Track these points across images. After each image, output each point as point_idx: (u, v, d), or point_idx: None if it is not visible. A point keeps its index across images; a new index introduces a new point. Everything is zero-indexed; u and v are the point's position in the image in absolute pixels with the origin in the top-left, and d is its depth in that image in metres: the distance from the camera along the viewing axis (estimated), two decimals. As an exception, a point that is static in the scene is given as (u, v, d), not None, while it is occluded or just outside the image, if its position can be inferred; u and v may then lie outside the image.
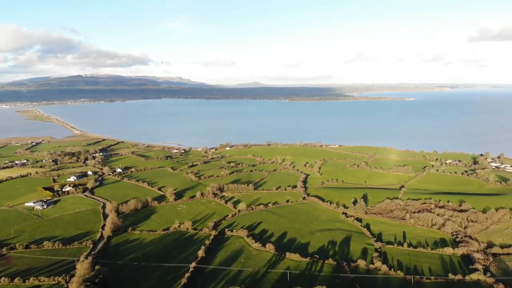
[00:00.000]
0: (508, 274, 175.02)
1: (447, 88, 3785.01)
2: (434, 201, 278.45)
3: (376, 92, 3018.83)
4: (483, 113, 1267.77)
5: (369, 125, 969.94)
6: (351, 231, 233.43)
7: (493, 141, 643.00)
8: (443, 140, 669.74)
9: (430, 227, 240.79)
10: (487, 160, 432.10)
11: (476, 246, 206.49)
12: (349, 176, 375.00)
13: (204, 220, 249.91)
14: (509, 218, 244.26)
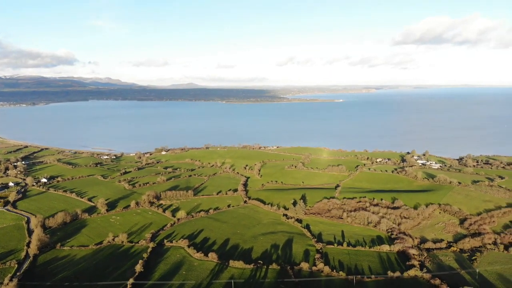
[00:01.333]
0: (442, 269, 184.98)
1: (373, 90, 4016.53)
2: (369, 199, 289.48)
3: (308, 94, 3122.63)
4: (407, 113, 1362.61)
5: (303, 126, 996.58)
6: (292, 232, 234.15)
7: (418, 139, 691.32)
8: (372, 139, 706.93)
9: (366, 225, 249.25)
10: (414, 158, 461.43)
11: (410, 242, 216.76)
12: (287, 177, 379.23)
13: (140, 232, 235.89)
14: (439, 214, 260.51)
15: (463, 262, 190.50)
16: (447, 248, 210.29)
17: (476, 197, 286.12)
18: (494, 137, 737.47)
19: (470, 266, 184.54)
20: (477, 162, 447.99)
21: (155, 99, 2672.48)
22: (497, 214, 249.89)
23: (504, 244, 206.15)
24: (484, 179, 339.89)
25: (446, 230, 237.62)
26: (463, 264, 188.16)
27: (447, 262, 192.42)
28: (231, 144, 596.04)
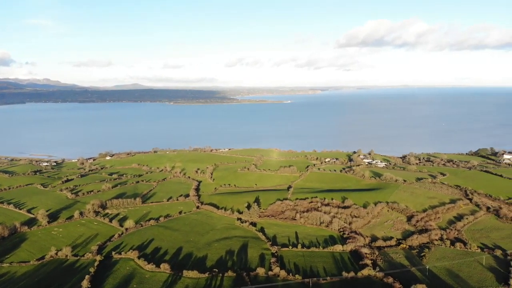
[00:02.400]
0: (394, 266, 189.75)
1: (319, 91, 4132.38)
2: (320, 199, 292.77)
3: (258, 95, 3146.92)
4: (352, 113, 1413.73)
5: (254, 127, 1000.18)
6: (247, 237, 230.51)
7: (363, 139, 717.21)
8: (321, 139, 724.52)
9: (319, 225, 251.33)
10: (360, 157, 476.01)
11: (362, 241, 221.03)
12: (240, 179, 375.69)
13: (86, 244, 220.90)
14: (387, 212, 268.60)
15: (413, 259, 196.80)
16: (397, 245, 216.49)
17: (421, 194, 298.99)
18: (433, 135, 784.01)
19: (420, 263, 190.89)
20: (419, 159, 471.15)
21: (98, 100, 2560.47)
22: (442, 210, 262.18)
23: (450, 240, 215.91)
24: (427, 176, 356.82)
25: (395, 227, 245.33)
26: (413, 261, 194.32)
27: (398, 259, 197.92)
28: (181, 147, 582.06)
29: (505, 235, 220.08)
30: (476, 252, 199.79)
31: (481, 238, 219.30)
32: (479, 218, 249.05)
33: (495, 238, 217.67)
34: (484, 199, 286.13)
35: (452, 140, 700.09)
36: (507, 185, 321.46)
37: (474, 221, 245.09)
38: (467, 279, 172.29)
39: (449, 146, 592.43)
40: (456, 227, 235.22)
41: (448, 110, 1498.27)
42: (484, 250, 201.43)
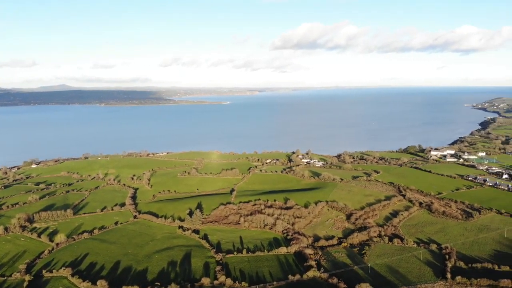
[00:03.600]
0: (337, 266, 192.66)
1: (256, 92, 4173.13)
2: (263, 202, 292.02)
3: (195, 96, 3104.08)
4: (289, 114, 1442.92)
5: (193, 129, 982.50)
6: (190, 245, 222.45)
7: (301, 139, 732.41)
8: (261, 140, 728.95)
9: (263, 228, 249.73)
10: (299, 157, 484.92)
11: (305, 241, 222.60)
12: (181, 185, 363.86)
13: (13, 263, 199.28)
14: (327, 210, 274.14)
15: (355, 257, 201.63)
16: (338, 244, 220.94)
17: (358, 192, 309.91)
18: (365, 134, 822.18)
19: (362, 261, 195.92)
20: (354, 158, 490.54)
21: (22, 103, 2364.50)
22: (378, 207, 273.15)
23: (388, 236, 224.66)
24: (362, 175, 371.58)
25: (336, 226, 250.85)
26: (355, 259, 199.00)
27: (341, 258, 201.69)
28: (114, 152, 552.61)
29: (438, 229, 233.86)
30: (413, 247, 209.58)
31: (417, 233, 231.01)
32: (413, 214, 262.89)
33: (429, 233, 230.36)
34: (416, 194, 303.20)
35: (383, 138, 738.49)
36: (436, 181, 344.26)
37: (408, 217, 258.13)
38: (406, 274, 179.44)
39: (380, 144, 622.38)
40: (392, 223, 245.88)
41: (377, 109, 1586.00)
42: (420, 245, 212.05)
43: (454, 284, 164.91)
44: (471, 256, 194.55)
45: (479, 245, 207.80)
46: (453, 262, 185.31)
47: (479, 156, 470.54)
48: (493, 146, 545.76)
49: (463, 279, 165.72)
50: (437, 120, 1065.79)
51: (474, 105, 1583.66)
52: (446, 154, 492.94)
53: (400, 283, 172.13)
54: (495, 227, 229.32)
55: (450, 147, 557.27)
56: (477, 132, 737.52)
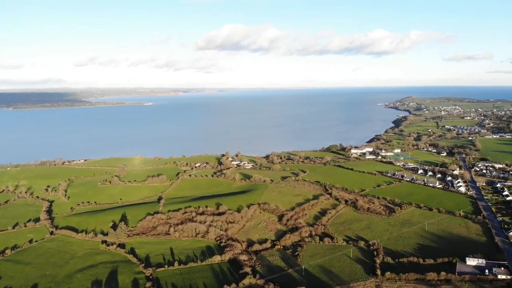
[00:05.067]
0: (272, 270, 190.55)
1: (181, 93, 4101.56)
2: (194, 209, 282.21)
3: (114, 97, 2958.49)
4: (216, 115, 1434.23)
5: (113, 133, 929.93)
6: (116, 261, 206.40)
7: (229, 140, 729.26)
8: (189, 143, 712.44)
9: (195, 236, 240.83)
10: (229, 159, 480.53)
11: (239, 247, 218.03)
12: (102, 195, 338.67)
13: None
14: (259, 213, 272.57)
15: (289, 260, 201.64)
16: (272, 247, 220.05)
17: (288, 192, 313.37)
18: (291, 134, 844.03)
19: (296, 263, 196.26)
20: (281, 158, 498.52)
21: None
22: (307, 207, 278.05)
23: (318, 236, 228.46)
24: (291, 175, 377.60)
25: (268, 228, 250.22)
26: (289, 262, 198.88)
27: (275, 262, 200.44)
28: (25, 161, 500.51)
29: (364, 226, 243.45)
30: (343, 246, 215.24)
31: (345, 231, 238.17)
32: (340, 212, 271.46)
33: (356, 230, 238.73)
34: (341, 192, 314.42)
35: (307, 137, 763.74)
36: (359, 178, 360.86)
37: (336, 215, 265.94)
38: (339, 274, 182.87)
39: (305, 143, 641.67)
40: (322, 222, 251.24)
41: (300, 110, 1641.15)
42: (349, 243, 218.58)
43: (384, 280, 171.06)
44: (397, 251, 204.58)
45: (403, 239, 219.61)
46: (381, 258, 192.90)
47: (395, 153, 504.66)
48: (407, 142, 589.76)
49: (392, 275, 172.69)
50: (355, 119, 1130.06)
51: (387, 104, 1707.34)
52: (365, 151, 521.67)
53: (334, 283, 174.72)
54: (416, 221, 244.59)
55: (368, 145, 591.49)
56: (391, 130, 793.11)
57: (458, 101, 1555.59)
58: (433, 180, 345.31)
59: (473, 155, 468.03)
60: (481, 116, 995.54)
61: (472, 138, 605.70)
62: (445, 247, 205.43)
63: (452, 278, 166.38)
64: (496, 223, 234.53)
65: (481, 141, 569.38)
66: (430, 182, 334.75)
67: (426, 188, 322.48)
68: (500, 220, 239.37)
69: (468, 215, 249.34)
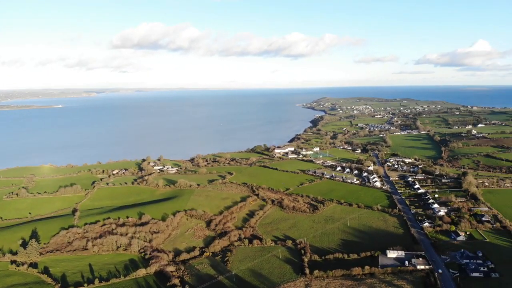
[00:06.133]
0: (202, 279, 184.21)
1: (94, 93, 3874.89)
2: (114, 220, 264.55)
3: (19, 100, 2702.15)
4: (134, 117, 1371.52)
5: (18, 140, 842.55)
6: (28, 283, 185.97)
7: (150, 144, 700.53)
8: (104, 148, 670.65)
9: (116, 250, 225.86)
10: (151, 165, 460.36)
11: (166, 258, 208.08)
12: (8, 209, 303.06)
13: None
14: (186, 220, 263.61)
15: (218, 266, 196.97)
16: (201, 254, 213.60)
17: (215, 196, 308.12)
18: (215, 135, 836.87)
19: (226, 269, 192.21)
20: (207, 161, 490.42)
21: None
22: (236, 210, 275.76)
23: (248, 238, 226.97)
24: (217, 177, 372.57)
25: (196, 235, 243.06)
26: (218, 268, 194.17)
27: (205, 270, 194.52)
28: None
29: (291, 225, 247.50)
30: (271, 246, 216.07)
31: (273, 231, 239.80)
32: (267, 212, 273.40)
33: (283, 229, 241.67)
34: (268, 192, 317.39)
35: (232, 138, 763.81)
36: (283, 177, 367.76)
37: (264, 215, 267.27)
38: (269, 276, 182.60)
39: (230, 144, 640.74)
40: (250, 224, 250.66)
41: (223, 110, 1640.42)
42: (278, 243, 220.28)
43: (313, 279, 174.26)
44: (323, 248, 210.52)
45: (328, 236, 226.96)
46: (309, 257, 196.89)
47: (314, 151, 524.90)
48: (325, 141, 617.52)
49: (320, 273, 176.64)
50: (276, 119, 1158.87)
51: (304, 105, 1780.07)
52: (288, 151, 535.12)
53: (265, 286, 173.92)
54: (338, 217, 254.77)
55: (290, 144, 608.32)
56: (310, 129, 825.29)
57: (369, 100, 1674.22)
58: (351, 176, 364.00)
59: (384, 151, 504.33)
60: (389, 114, 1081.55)
61: (383, 135, 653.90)
62: (366, 241, 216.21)
63: (376, 271, 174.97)
64: (411, 215, 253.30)
65: (391, 138, 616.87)
66: (349, 179, 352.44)
67: (345, 184, 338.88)
68: (414, 212, 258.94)
69: (385, 208, 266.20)
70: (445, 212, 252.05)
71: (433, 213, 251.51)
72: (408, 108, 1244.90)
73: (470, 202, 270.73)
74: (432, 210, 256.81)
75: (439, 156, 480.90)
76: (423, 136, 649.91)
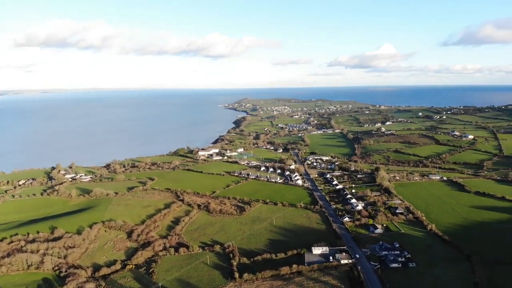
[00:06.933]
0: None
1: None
2: (23, 236, 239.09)
3: None
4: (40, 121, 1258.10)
5: None
6: None
7: (60, 150, 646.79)
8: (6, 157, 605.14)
9: (27, 269, 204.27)
10: (61, 173, 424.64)
11: (84, 274, 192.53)
12: None
13: None
14: (105, 232, 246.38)
15: (143, 279, 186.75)
16: (123, 268, 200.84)
17: (136, 204, 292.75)
18: (133, 139, 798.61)
19: (151, 281, 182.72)
20: (125, 167, 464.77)
21: None
22: (159, 218, 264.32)
23: (173, 247, 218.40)
24: (138, 184, 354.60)
25: (117, 248, 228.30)
26: (143, 281, 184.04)
27: (128, 284, 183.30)
28: None
29: (218, 229, 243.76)
30: (199, 253, 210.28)
31: (200, 237, 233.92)
32: (194, 217, 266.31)
33: (211, 234, 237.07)
34: (193, 197, 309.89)
35: (152, 142, 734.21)
36: (209, 180, 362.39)
37: (190, 222, 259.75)
38: (198, 284, 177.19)
39: (150, 148, 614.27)
40: (176, 232, 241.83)
41: (141, 112, 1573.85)
42: (205, 249, 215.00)
43: (242, 283, 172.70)
44: (251, 249, 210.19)
45: (255, 237, 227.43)
46: (237, 260, 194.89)
47: (239, 152, 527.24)
48: (248, 142, 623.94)
49: (250, 275, 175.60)
50: (199, 121, 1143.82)
51: (226, 106, 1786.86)
52: (212, 153, 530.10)
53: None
54: (264, 217, 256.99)
55: (214, 146, 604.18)
56: (233, 130, 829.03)
57: (287, 101, 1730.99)
58: (274, 175, 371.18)
59: (304, 150, 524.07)
60: (306, 114, 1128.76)
61: (301, 135, 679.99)
62: (292, 239, 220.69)
63: (303, 269, 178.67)
64: (332, 211, 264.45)
65: (309, 137, 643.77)
66: (272, 178, 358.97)
67: (269, 184, 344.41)
68: (334, 208, 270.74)
69: (307, 205, 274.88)
70: (363, 207, 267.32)
71: (352, 208, 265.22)
72: (323, 108, 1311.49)
73: (384, 195, 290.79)
74: (351, 205, 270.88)
75: (353, 153, 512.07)
76: (337, 134, 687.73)
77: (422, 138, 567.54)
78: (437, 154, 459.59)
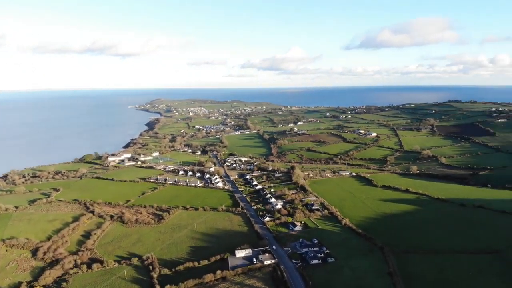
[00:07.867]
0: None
1: None
2: None
3: None
4: None
5: None
6: None
7: None
8: None
9: None
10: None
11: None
12: None
13: None
14: (6, 252, 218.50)
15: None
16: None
17: (40, 219, 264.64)
18: (32, 146, 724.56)
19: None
20: (25, 177, 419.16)
21: None
22: (67, 232, 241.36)
23: (85, 263, 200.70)
24: (41, 196, 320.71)
25: (21, 268, 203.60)
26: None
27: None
28: None
29: (135, 240, 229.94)
30: (115, 268, 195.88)
31: (115, 251, 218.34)
32: (107, 230, 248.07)
33: (127, 246, 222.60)
34: (105, 208, 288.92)
35: (54, 149, 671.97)
36: (122, 189, 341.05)
37: (102, 234, 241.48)
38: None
39: (52, 156, 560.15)
40: (87, 247, 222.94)
41: (40, 116, 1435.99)
42: (122, 263, 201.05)
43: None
44: (172, 259, 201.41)
45: (176, 245, 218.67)
46: (158, 272, 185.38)
47: (154, 156, 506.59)
48: (163, 145, 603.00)
49: (172, 287, 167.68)
50: (108, 123, 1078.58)
51: (137, 107, 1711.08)
52: (124, 158, 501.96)
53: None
54: (185, 223, 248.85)
55: (126, 151, 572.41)
56: (146, 133, 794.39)
57: (203, 102, 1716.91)
58: (194, 179, 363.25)
59: (223, 152, 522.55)
60: (223, 115, 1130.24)
61: (219, 136, 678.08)
62: (215, 244, 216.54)
63: (227, 274, 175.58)
64: (253, 212, 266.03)
65: (227, 138, 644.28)
66: (192, 182, 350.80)
67: (189, 188, 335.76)
68: (255, 209, 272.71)
69: (229, 208, 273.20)
70: (282, 205, 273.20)
71: (272, 207, 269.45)
72: (239, 109, 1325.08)
73: (301, 193, 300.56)
74: (271, 205, 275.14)
75: (270, 153, 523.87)
76: (254, 135, 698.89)
77: (331, 136, 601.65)
78: (345, 152, 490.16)
